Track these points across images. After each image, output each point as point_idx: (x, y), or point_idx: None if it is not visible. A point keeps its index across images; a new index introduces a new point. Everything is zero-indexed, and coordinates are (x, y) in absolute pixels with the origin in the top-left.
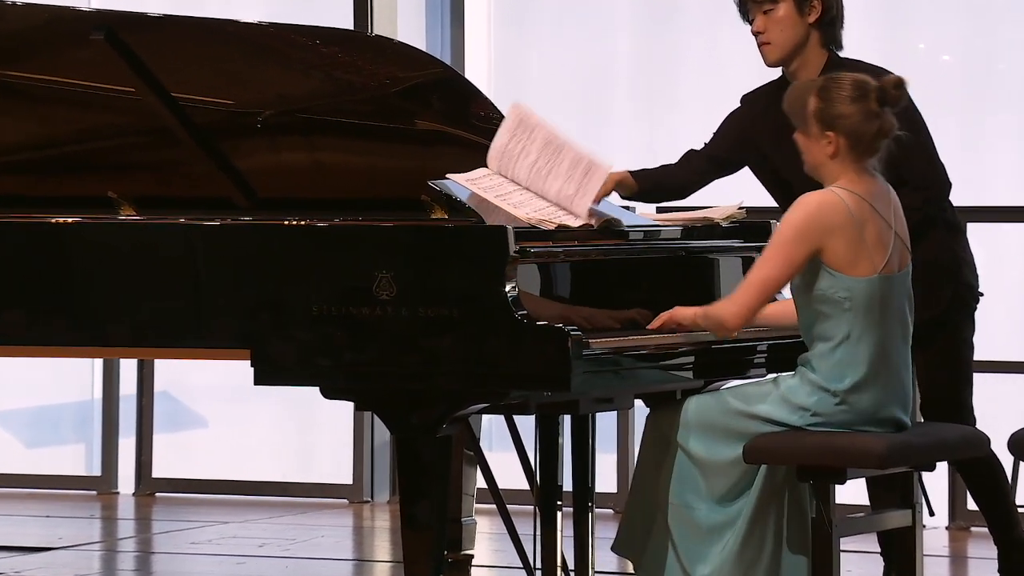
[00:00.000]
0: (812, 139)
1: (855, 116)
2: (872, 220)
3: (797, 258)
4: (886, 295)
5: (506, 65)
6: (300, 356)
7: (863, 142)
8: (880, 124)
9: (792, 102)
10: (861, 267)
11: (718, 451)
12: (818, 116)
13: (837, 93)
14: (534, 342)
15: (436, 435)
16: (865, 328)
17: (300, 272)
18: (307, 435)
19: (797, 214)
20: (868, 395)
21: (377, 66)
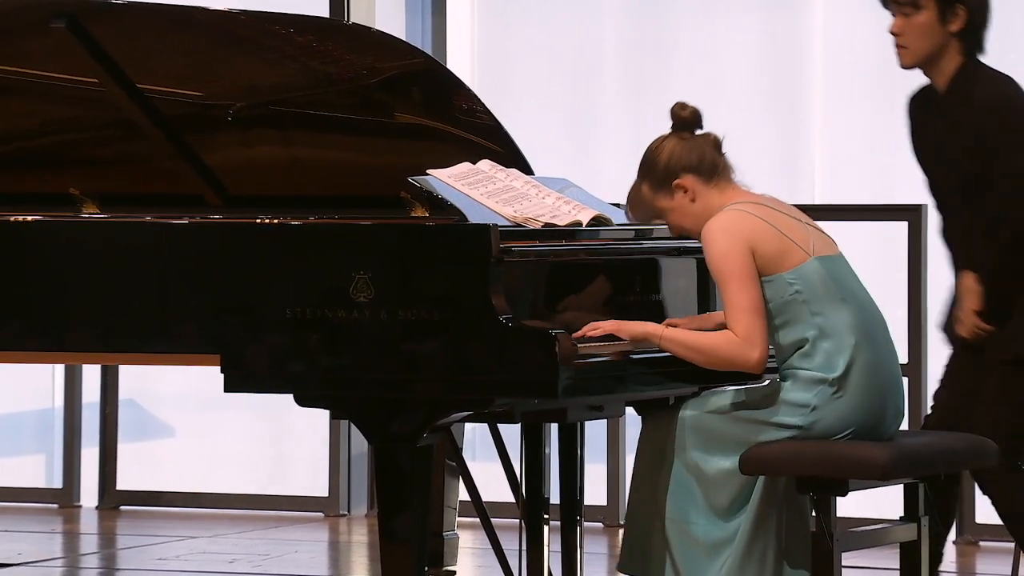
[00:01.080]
0: (674, 203)
1: (675, 150)
2: (776, 215)
3: (751, 268)
4: (834, 272)
5: (490, 54)
6: (273, 361)
7: (704, 164)
8: (701, 142)
9: (638, 209)
10: (792, 257)
11: (716, 461)
12: (655, 186)
13: (650, 157)
14: (520, 346)
15: (416, 445)
16: (832, 310)
17: (273, 273)
18: (280, 445)
19: (718, 240)
20: (863, 379)
21: (354, 56)
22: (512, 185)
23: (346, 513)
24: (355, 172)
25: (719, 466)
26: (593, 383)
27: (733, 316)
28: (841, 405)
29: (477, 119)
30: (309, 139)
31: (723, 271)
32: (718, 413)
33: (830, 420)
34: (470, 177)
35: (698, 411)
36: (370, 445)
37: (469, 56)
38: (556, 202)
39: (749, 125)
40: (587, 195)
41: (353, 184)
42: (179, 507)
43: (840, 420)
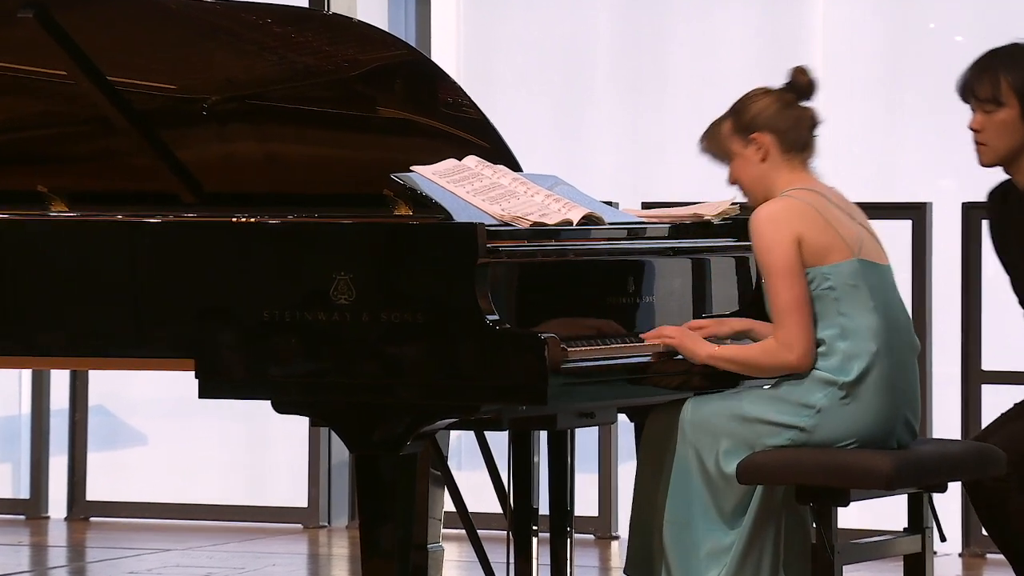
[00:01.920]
0: (739, 157)
1: (771, 106)
2: (831, 210)
3: (797, 264)
4: (871, 280)
5: (476, 46)
6: (250, 366)
7: (790, 134)
8: (800, 113)
9: (710, 141)
10: (836, 253)
11: (719, 463)
12: (735, 129)
13: (745, 102)
14: (507, 350)
15: (400, 453)
16: (860, 314)
17: (250, 274)
18: (258, 453)
19: (764, 232)
20: (875, 389)
21: (335, 48)
22: (499, 182)
23: (326, 524)
24: (335, 169)
25: (723, 469)
26: (584, 389)
27: (774, 315)
28: (848, 413)
29: (463, 113)
30: (288, 134)
31: (767, 264)
32: (720, 412)
33: (834, 426)
34: (455, 174)
35: (700, 409)
36: (351, 453)
37: (454, 47)
38: (545, 200)
39: None
40: (578, 192)
41: (333, 181)
42: (151, 518)
43: (844, 429)
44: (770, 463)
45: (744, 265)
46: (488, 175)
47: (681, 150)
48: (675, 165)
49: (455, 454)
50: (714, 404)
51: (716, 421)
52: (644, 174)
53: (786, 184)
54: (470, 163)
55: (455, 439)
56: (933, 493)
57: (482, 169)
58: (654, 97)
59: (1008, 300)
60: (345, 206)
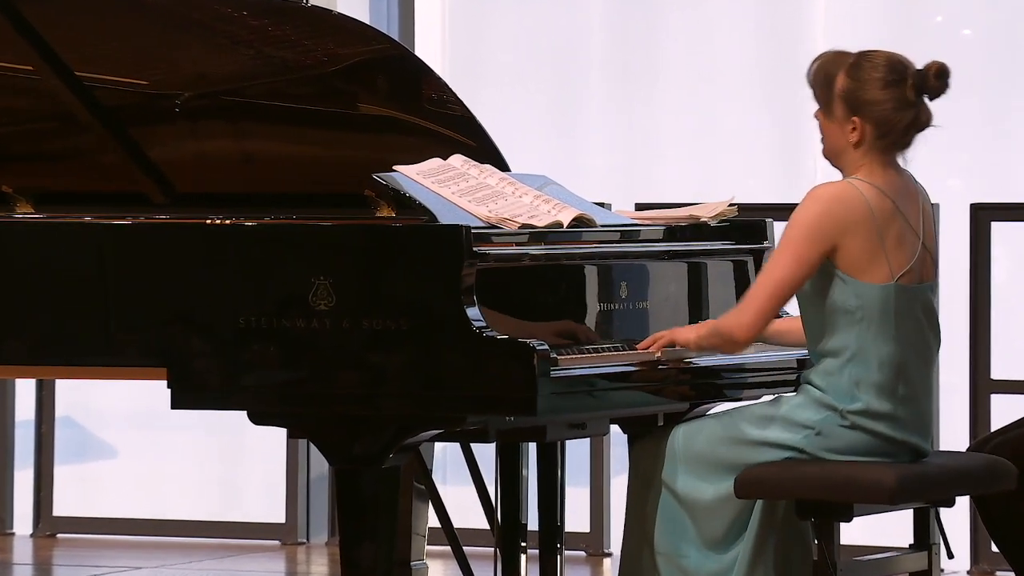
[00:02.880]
0: (835, 122)
1: (887, 104)
2: (894, 220)
3: (811, 258)
4: (902, 307)
5: (462, 40)
6: (224, 375)
7: (893, 133)
8: (915, 115)
9: (817, 75)
10: (877, 272)
11: (708, 488)
12: (845, 98)
13: (870, 74)
14: (495, 359)
15: (382, 466)
16: (878, 342)
17: (225, 279)
18: (233, 467)
19: (809, 209)
20: (882, 419)
21: (314, 41)
22: (486, 182)
23: (304, 541)
24: (314, 168)
25: (712, 493)
26: (575, 399)
27: (756, 285)
28: (847, 436)
29: (448, 110)
30: (264, 132)
31: (788, 233)
32: (710, 434)
33: (833, 446)
34: (440, 174)
35: (690, 434)
36: (331, 467)
37: (439, 41)
38: (534, 201)
39: (744, 116)
40: (568, 193)
41: (312, 181)
42: (121, 535)
43: (847, 447)
44: (769, 477)
45: (743, 269)
46: (475, 175)
47: (676, 148)
48: (670, 164)
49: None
50: (705, 426)
51: (705, 443)
52: (637, 174)
53: (863, 173)
54: (456, 162)
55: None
56: (940, 508)
57: (468, 169)
58: (648, 92)
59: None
60: (325, 207)
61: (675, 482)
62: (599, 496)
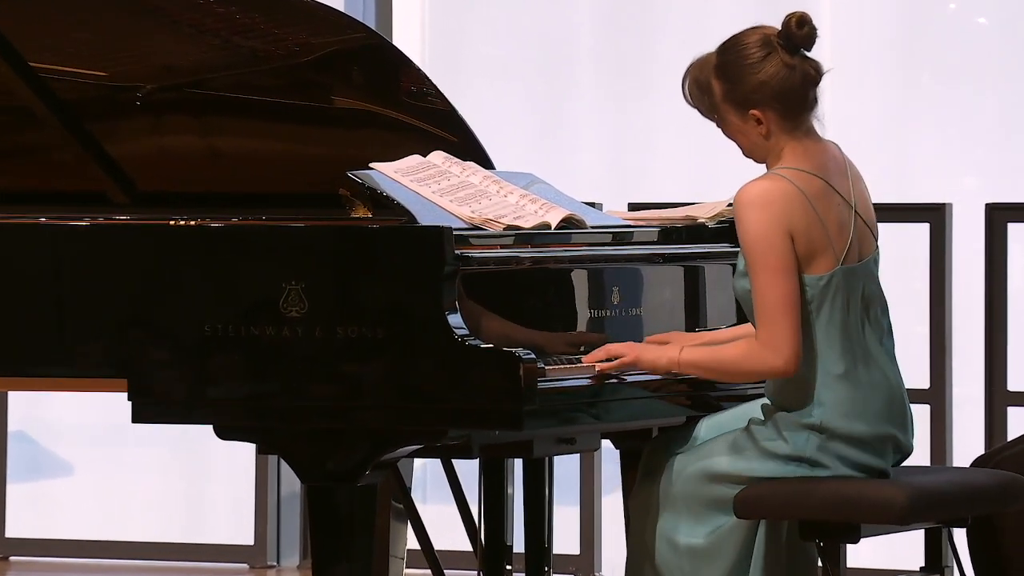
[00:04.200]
0: (741, 128)
1: (772, 81)
2: (830, 199)
3: (789, 258)
4: (850, 289)
5: (443, 29)
6: (189, 387)
7: (793, 101)
8: (803, 74)
9: (693, 91)
10: (823, 261)
11: (705, 527)
12: (730, 99)
13: (740, 64)
14: (478, 369)
15: (357, 484)
16: (832, 330)
17: (189, 284)
18: (198, 485)
19: (752, 217)
20: (856, 412)
21: (285, 30)
22: (469, 181)
23: (275, 564)
24: (285, 165)
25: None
26: (564, 412)
27: (758, 312)
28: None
29: (428, 104)
30: (232, 127)
31: (754, 257)
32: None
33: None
34: (420, 172)
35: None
36: (303, 485)
37: (419, 31)
38: (520, 200)
39: None
40: (557, 192)
41: (283, 180)
42: (79, 558)
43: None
44: (771, 496)
45: None
46: (456, 173)
47: (672, 144)
48: (664, 162)
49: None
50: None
51: (701, 484)
52: (630, 171)
53: (787, 158)
54: (436, 160)
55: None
56: (953, 528)
57: (450, 166)
58: (641, 85)
59: None
60: (296, 207)
61: (671, 535)
62: (589, 515)
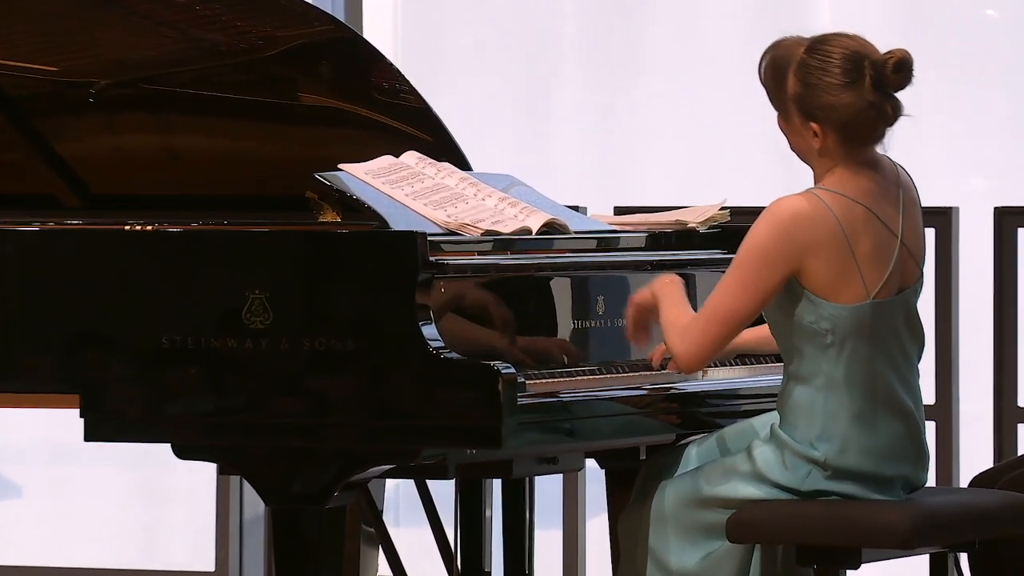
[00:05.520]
0: (795, 126)
1: (846, 108)
2: (867, 230)
3: (765, 287)
4: (878, 325)
5: (417, 22)
6: (145, 403)
7: (859, 136)
8: (879, 112)
9: (767, 75)
10: (849, 291)
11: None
12: (798, 103)
13: (820, 78)
14: (454, 383)
15: (325, 506)
16: (854, 364)
17: (146, 292)
18: (155, 507)
19: (765, 231)
20: (864, 452)
21: (248, 23)
22: (444, 183)
23: None
24: (249, 166)
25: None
26: (546, 430)
27: (705, 305)
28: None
29: (401, 101)
30: (192, 125)
31: (740, 260)
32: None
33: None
34: (392, 173)
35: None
36: (267, 507)
37: (391, 23)
38: (499, 204)
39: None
40: (538, 195)
41: (246, 181)
42: None
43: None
44: (766, 519)
45: None
46: (431, 175)
47: (661, 144)
48: (653, 163)
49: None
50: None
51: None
52: (617, 173)
53: (831, 180)
54: (409, 160)
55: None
56: (960, 553)
57: (424, 167)
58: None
59: None
60: (260, 211)
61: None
62: (573, 540)
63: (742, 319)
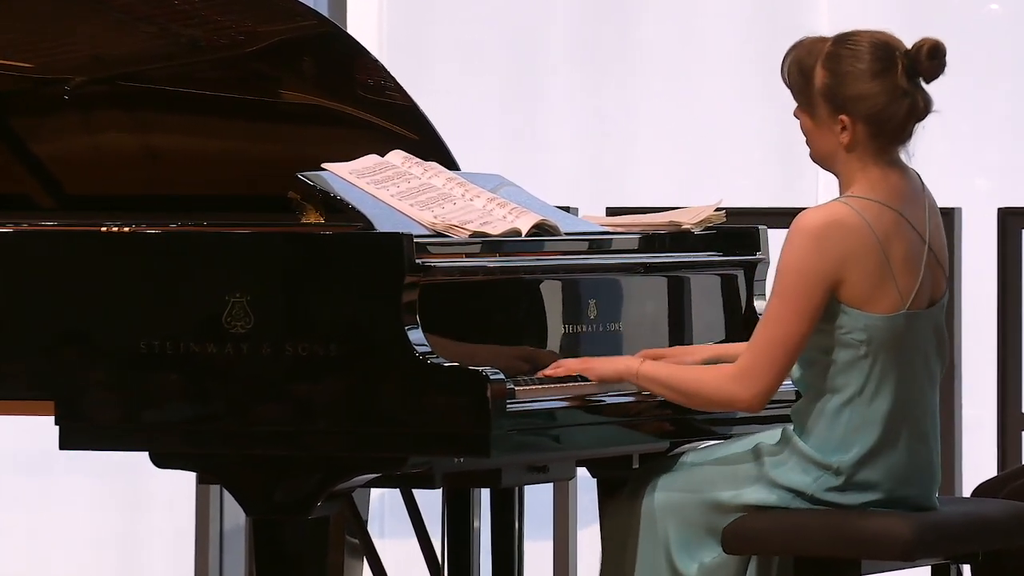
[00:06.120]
0: (820, 123)
1: (878, 97)
2: (899, 235)
3: (816, 306)
4: (912, 337)
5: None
6: (123, 410)
7: (889, 129)
8: (911, 104)
9: (792, 70)
10: (885, 301)
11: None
12: (827, 95)
13: (852, 65)
14: (441, 390)
15: (307, 516)
16: (884, 380)
17: (123, 296)
18: (132, 517)
19: (801, 249)
20: (881, 468)
21: (228, 17)
22: (431, 183)
23: None
24: (229, 166)
25: (703, 563)
26: (536, 437)
27: (754, 340)
28: (845, 498)
29: (387, 98)
30: (170, 123)
31: (782, 286)
32: (694, 495)
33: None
34: (377, 173)
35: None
36: (248, 517)
37: (376, 18)
38: (488, 205)
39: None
40: (528, 196)
41: (227, 181)
42: None
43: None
44: (763, 528)
45: (732, 284)
46: (417, 174)
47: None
48: (647, 162)
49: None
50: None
51: (691, 507)
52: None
53: (861, 183)
54: (395, 160)
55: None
56: (963, 564)
57: (410, 167)
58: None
59: None
60: (241, 212)
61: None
62: (564, 550)
63: (799, 344)
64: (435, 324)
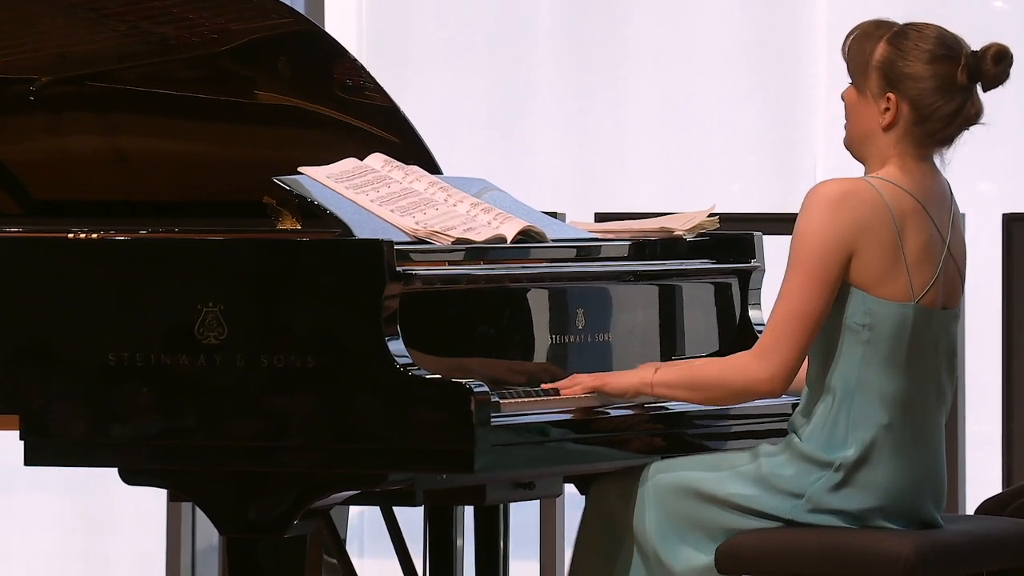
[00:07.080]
0: (866, 98)
1: (931, 81)
2: (917, 225)
3: (835, 274)
4: (919, 334)
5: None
6: (90, 424)
7: (933, 120)
8: (962, 103)
9: (853, 45)
10: (894, 287)
11: (685, 555)
12: (883, 68)
13: (916, 44)
14: (423, 403)
15: (283, 535)
16: (886, 372)
17: (91, 306)
18: (100, 537)
19: (817, 215)
20: (884, 469)
21: (201, 15)
22: (413, 188)
23: None
24: (202, 170)
25: (690, 562)
26: (521, 453)
27: (770, 319)
28: (849, 499)
29: (366, 99)
30: (140, 125)
31: (798, 255)
32: (687, 488)
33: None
34: (356, 177)
35: (663, 481)
36: (221, 536)
37: (355, 15)
38: (471, 210)
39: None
40: (513, 201)
41: (199, 186)
42: None
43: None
44: (757, 546)
45: (726, 292)
46: (398, 179)
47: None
48: (637, 167)
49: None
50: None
51: (682, 497)
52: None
53: (889, 169)
54: (375, 163)
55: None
56: None
57: (390, 171)
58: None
59: None
60: (214, 217)
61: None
62: (551, 570)
63: (819, 316)
64: (416, 335)
